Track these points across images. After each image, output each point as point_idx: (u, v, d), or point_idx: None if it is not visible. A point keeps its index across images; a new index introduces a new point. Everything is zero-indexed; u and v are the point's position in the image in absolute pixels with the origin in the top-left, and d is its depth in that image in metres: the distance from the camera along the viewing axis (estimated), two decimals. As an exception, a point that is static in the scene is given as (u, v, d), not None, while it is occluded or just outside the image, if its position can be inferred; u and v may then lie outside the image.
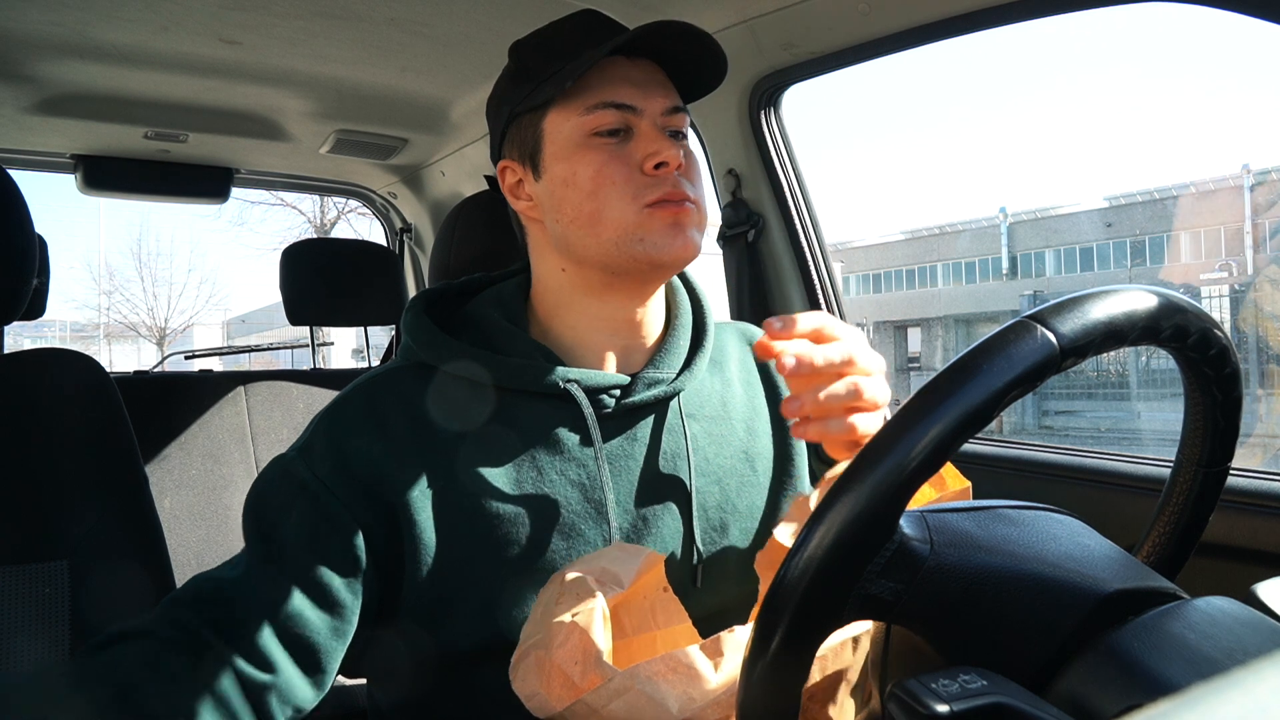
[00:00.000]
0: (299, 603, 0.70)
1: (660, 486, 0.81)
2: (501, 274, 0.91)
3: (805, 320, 0.69)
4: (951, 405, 0.47)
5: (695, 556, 0.80)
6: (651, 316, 0.85)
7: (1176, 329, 0.54)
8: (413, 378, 0.80)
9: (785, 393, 0.92)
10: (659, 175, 0.77)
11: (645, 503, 0.80)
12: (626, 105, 0.78)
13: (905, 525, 0.53)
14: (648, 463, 0.81)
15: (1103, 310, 0.50)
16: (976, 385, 0.47)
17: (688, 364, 0.85)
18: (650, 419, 0.83)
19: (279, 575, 0.70)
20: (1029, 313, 0.50)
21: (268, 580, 0.70)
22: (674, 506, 0.81)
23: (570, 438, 0.79)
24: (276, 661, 0.68)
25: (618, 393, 0.81)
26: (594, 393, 0.80)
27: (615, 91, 0.78)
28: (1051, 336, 0.49)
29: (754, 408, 0.90)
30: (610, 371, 0.82)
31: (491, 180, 0.93)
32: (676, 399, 0.84)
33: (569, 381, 0.79)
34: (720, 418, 0.87)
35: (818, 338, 0.69)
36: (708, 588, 0.81)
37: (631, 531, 0.79)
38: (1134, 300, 0.52)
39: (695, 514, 0.81)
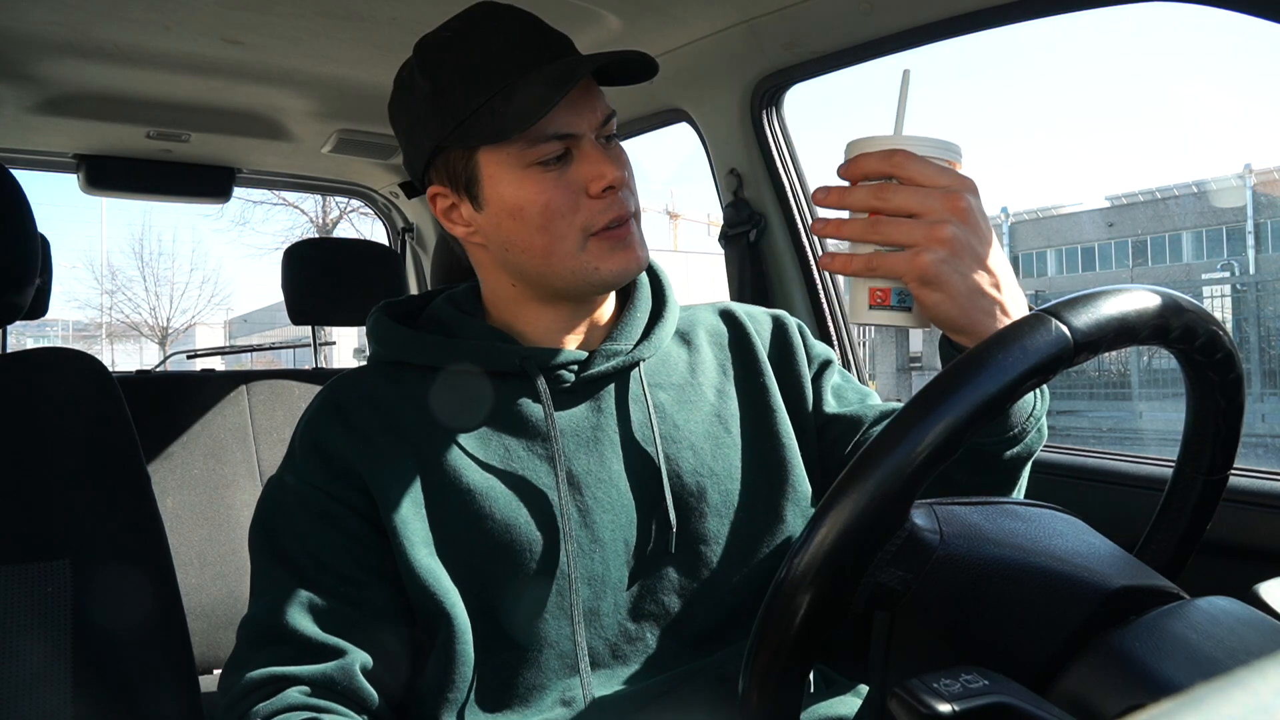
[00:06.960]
0: (330, 598, 0.74)
1: (630, 457, 0.82)
2: (458, 287, 0.92)
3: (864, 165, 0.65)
4: (967, 394, 0.47)
5: (671, 523, 0.80)
6: (608, 302, 0.87)
7: (1186, 330, 0.54)
8: (375, 375, 0.83)
9: (764, 355, 0.91)
10: (605, 199, 0.78)
11: (616, 473, 0.81)
12: (567, 134, 0.77)
13: (915, 515, 0.53)
14: (616, 434, 0.82)
15: (1116, 307, 0.51)
16: (991, 375, 0.48)
17: (646, 334, 0.86)
18: (612, 391, 0.84)
19: (299, 583, 0.74)
20: (1044, 306, 0.51)
21: (290, 591, 0.74)
22: (645, 475, 0.82)
23: (534, 414, 0.81)
24: (341, 646, 0.72)
25: (576, 368, 0.83)
26: (552, 370, 0.82)
27: (553, 120, 0.75)
28: (1066, 330, 0.49)
29: (724, 372, 0.90)
30: (569, 349, 0.84)
31: (406, 185, 0.91)
32: (638, 369, 0.85)
33: (524, 359, 0.81)
34: (688, 384, 0.88)
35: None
36: (685, 550, 0.81)
37: (605, 501, 0.80)
38: (1147, 299, 0.52)
39: (667, 481, 0.81)
